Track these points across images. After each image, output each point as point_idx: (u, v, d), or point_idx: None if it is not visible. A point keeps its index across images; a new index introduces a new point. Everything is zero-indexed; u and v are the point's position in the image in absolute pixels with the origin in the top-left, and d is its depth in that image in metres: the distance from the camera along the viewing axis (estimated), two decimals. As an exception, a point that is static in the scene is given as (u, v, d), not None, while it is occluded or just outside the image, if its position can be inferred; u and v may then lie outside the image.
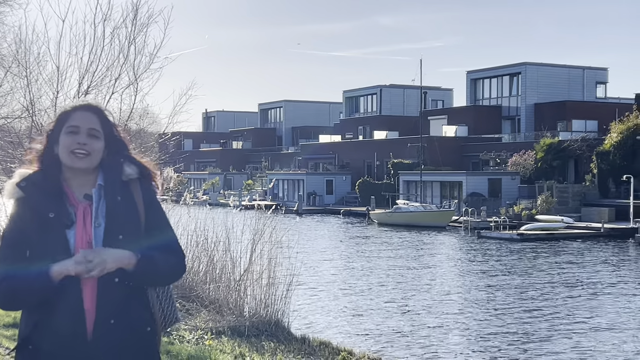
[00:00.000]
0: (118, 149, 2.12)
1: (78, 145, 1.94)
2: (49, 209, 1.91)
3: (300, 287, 12.77)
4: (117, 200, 2.01)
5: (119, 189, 2.03)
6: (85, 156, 1.95)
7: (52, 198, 1.94)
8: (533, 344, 13.88)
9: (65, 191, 1.98)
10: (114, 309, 1.94)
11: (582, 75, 60.23)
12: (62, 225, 1.91)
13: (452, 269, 26.14)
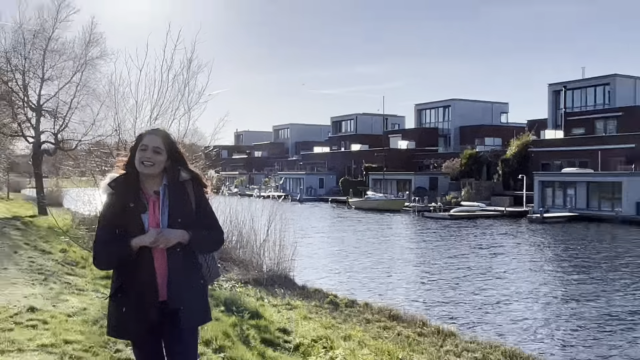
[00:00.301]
0: (177, 160, 2.79)
1: (145, 158, 2.60)
2: (129, 200, 2.61)
3: (301, 251, 15.65)
4: (176, 195, 2.73)
5: (177, 188, 2.75)
6: (151, 166, 2.61)
7: (131, 193, 2.65)
8: (445, 282, 18.19)
9: (140, 188, 2.69)
10: (178, 269, 2.64)
11: (491, 107, 77.75)
12: (139, 212, 2.63)
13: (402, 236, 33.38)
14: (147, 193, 2.75)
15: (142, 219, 2.65)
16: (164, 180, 2.78)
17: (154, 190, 2.75)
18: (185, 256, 2.72)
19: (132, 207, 2.66)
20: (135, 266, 2.61)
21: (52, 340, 5.16)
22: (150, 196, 2.73)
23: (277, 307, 9.48)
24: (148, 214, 2.68)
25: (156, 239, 2.53)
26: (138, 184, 2.73)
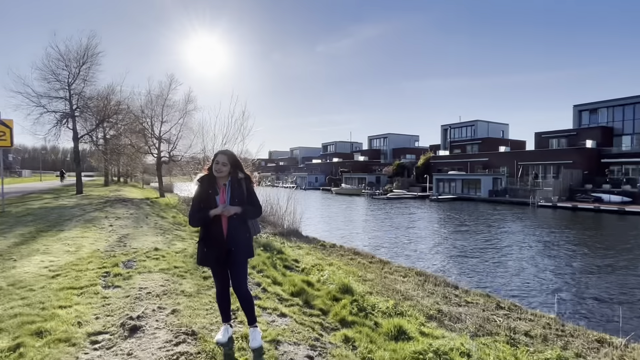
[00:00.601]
0: (237, 166, 2.89)
1: (217, 168, 2.78)
2: (209, 188, 2.77)
3: (305, 216, 14.98)
4: (235, 187, 2.83)
5: (236, 182, 2.84)
6: (221, 172, 2.79)
7: (211, 185, 2.79)
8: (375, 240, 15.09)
9: (215, 182, 2.81)
10: (234, 227, 2.78)
11: (410, 138, 76.33)
12: (214, 195, 2.77)
13: (360, 208, 31.54)
14: (219, 185, 2.86)
15: (216, 199, 2.78)
16: (229, 178, 2.86)
17: (223, 183, 2.87)
18: (239, 220, 2.81)
19: (211, 192, 2.76)
20: (212, 225, 2.75)
21: (167, 266, 5.13)
22: (220, 187, 2.82)
23: (292, 248, 9.47)
24: (219, 197, 2.76)
25: (223, 210, 2.72)
26: (214, 180, 2.85)
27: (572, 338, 5.59)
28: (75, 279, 4.32)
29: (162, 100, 22.71)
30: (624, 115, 38.52)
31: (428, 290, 7.52)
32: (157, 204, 16.66)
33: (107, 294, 3.88)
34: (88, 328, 3.02)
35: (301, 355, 2.85)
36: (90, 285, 4.10)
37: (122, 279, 4.44)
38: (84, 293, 3.87)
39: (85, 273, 4.58)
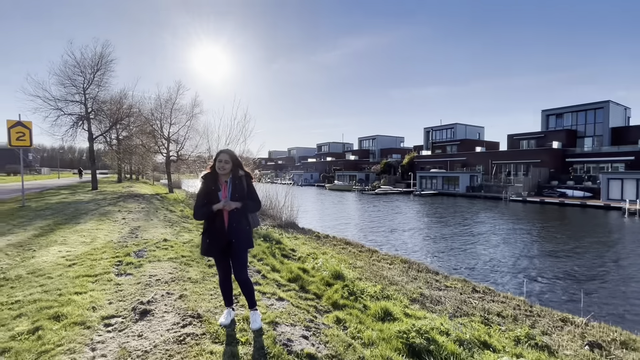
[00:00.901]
0: (237, 165, 2.82)
1: (220, 166, 2.73)
2: (212, 185, 2.73)
3: (301, 210, 15.03)
4: (236, 184, 2.78)
5: (237, 179, 2.80)
6: (223, 169, 2.74)
7: (213, 181, 2.74)
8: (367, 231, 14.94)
9: (218, 179, 2.76)
10: (235, 220, 2.73)
11: (396, 139, 75.22)
12: (216, 191, 2.72)
13: (351, 203, 29.50)
14: (221, 182, 2.83)
15: (218, 195, 2.75)
16: (230, 175, 2.81)
17: (225, 180, 2.83)
18: (239, 214, 2.77)
19: (213, 189, 2.72)
20: (215, 219, 2.72)
21: (175, 255, 5.08)
22: (222, 183, 2.79)
23: (289, 238, 9.45)
24: (221, 193, 2.73)
25: (224, 205, 2.69)
26: (217, 177, 2.82)
27: (539, 317, 5.67)
28: (90, 268, 4.26)
29: (171, 104, 22.45)
30: (586, 119, 39.01)
31: (412, 276, 7.57)
32: (166, 199, 16.49)
33: (120, 281, 3.83)
34: (102, 312, 2.98)
35: (297, 335, 2.84)
36: (104, 273, 4.05)
37: (133, 267, 4.39)
38: (98, 280, 3.81)
39: (100, 262, 4.52)
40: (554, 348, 4.27)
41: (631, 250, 12.40)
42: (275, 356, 2.43)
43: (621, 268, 9.98)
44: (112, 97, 21.25)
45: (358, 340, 3.05)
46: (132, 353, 2.34)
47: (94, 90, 18.83)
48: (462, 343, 3.41)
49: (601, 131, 37.60)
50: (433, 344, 3.08)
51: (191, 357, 2.31)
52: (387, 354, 2.74)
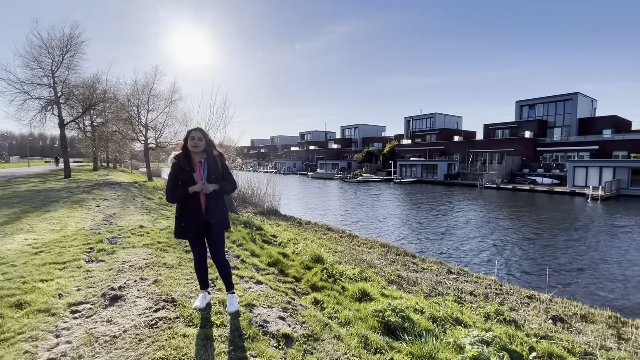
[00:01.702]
0: (210, 144, 2.70)
1: (194, 144, 2.59)
2: (186, 165, 2.57)
3: (283, 197, 14.81)
4: (211, 163, 2.64)
5: (212, 159, 2.66)
6: (197, 147, 2.60)
7: (186, 162, 2.58)
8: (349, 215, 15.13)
9: (191, 159, 2.61)
10: (212, 203, 2.62)
11: (377, 128, 75.32)
12: (191, 172, 2.57)
13: (331, 190, 29.83)
14: (195, 162, 2.66)
15: (193, 177, 2.60)
16: (204, 155, 2.68)
17: (199, 160, 2.68)
18: (216, 195, 2.65)
19: (188, 170, 2.58)
20: (190, 201, 2.58)
21: (151, 241, 4.91)
22: (197, 163, 2.65)
23: (271, 225, 9.36)
24: (196, 173, 2.61)
25: (202, 187, 2.55)
26: (190, 157, 2.65)
27: (508, 295, 5.91)
28: (59, 255, 4.04)
29: (148, 90, 21.51)
30: (556, 110, 40.49)
31: (390, 259, 7.70)
32: (145, 187, 15.95)
33: (90, 268, 3.65)
34: (69, 299, 2.83)
35: (274, 317, 2.81)
36: (73, 260, 3.85)
37: (105, 253, 4.20)
38: (67, 267, 3.62)
39: (69, 249, 4.30)
40: (520, 322, 4.46)
41: (592, 232, 13.14)
42: (250, 337, 2.39)
43: (582, 248, 10.57)
44: (84, 81, 20.11)
45: (335, 320, 3.06)
46: (99, 338, 2.23)
47: (63, 74, 17.74)
48: (435, 320, 3.49)
49: (569, 122, 39.19)
50: (408, 322, 3.13)
51: (162, 341, 2.23)
52: (363, 332, 2.76)
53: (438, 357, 2.52)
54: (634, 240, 11.80)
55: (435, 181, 39.42)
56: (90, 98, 19.64)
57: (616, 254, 9.93)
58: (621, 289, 7.17)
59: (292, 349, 2.32)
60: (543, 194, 27.63)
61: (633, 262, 9.20)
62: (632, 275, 8.03)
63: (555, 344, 3.68)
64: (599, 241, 11.63)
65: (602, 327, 4.68)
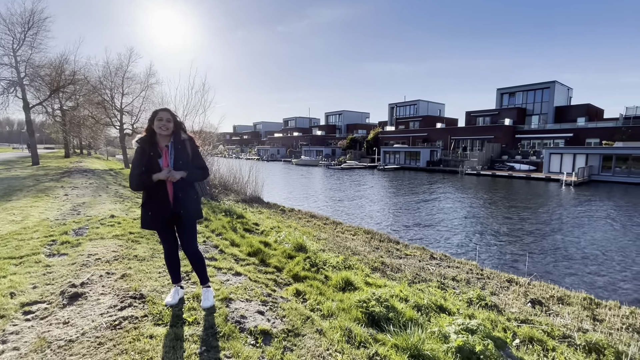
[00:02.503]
0: (179, 127, 2.44)
1: (162, 125, 2.34)
2: (150, 150, 2.32)
3: (266, 184, 14.19)
4: (179, 148, 2.40)
5: (180, 143, 2.41)
6: (167, 130, 2.36)
7: (151, 146, 2.33)
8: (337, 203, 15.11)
9: (157, 143, 2.36)
10: (181, 191, 2.39)
11: (361, 115, 74.99)
12: (156, 157, 2.33)
13: (317, 178, 29.54)
14: (161, 146, 2.39)
15: (159, 162, 2.33)
16: (171, 138, 2.42)
17: (165, 145, 2.41)
18: (185, 182, 2.41)
19: (152, 155, 2.30)
20: (156, 189, 2.33)
21: (122, 232, 4.60)
22: (163, 148, 2.39)
23: (253, 212, 9.13)
24: (162, 159, 2.35)
25: (168, 175, 2.29)
26: (155, 141, 2.37)
27: (489, 280, 6.00)
28: (16, 249, 3.69)
29: (122, 72, 20.37)
30: (534, 98, 41.46)
31: (374, 246, 7.66)
32: (121, 174, 15.24)
33: (51, 262, 3.34)
34: (22, 298, 2.54)
35: (252, 311, 2.63)
36: (32, 254, 3.52)
37: (70, 246, 3.87)
38: (24, 262, 3.30)
39: (28, 242, 3.94)
40: (501, 307, 4.50)
41: (566, 216, 13.64)
42: (225, 335, 2.21)
43: (558, 232, 10.94)
44: (50, 61, 18.72)
45: (317, 312, 2.92)
46: (52, 344, 1.99)
47: (26, 52, 16.44)
48: (420, 308, 3.43)
49: (547, 109, 40.28)
50: (392, 312, 3.03)
51: (126, 344, 2.01)
52: (347, 324, 2.63)
53: (423, 349, 2.43)
54: (602, 224, 12.34)
55: (417, 168, 39.94)
56: (58, 80, 18.37)
57: (585, 237, 10.33)
58: (593, 270, 7.45)
59: (270, 347, 2.16)
60: (520, 180, 28.50)
61: (605, 246, 9.60)
62: (601, 256, 8.37)
63: (535, 328, 3.71)
64: (571, 225, 12.08)
65: (578, 309, 4.80)
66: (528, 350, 3.17)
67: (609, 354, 3.23)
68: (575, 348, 3.38)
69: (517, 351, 2.99)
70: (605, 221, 12.81)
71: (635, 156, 25.40)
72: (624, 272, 7.34)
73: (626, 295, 6.12)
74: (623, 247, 9.35)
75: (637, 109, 34.73)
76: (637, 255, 8.61)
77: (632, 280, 6.88)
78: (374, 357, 2.25)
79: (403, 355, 2.33)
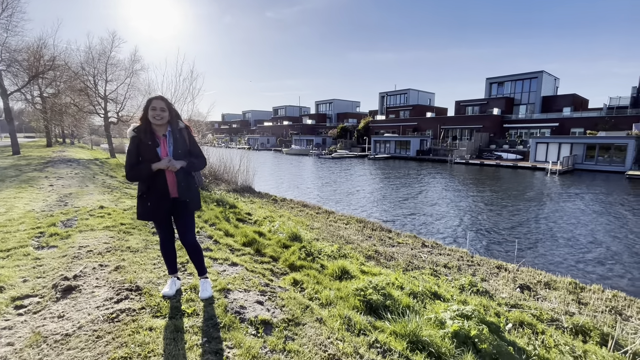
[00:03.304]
0: (175, 115, 2.37)
1: (156, 115, 2.26)
2: (147, 139, 2.26)
3: (257, 174, 14.31)
4: (177, 137, 2.34)
5: (177, 132, 2.36)
6: (161, 119, 2.28)
7: (148, 135, 2.26)
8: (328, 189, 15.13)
9: (154, 132, 2.30)
10: (181, 180, 2.33)
11: (352, 103, 74.31)
12: (154, 146, 2.27)
13: (306, 167, 29.12)
14: (158, 135, 2.32)
15: (157, 151, 2.27)
16: (168, 127, 2.36)
17: (163, 134, 2.34)
18: (184, 172, 2.36)
19: (150, 144, 2.24)
20: (155, 179, 2.27)
21: (113, 223, 4.49)
22: (160, 137, 2.32)
23: (245, 202, 9.06)
24: (160, 149, 2.28)
25: (168, 165, 2.24)
26: (152, 130, 2.30)
27: (479, 266, 6.15)
28: (2, 241, 3.56)
29: (105, 58, 19.57)
30: (522, 87, 41.96)
31: (367, 235, 7.74)
32: (107, 164, 14.85)
33: (40, 255, 3.25)
34: (12, 292, 2.47)
35: (251, 301, 2.63)
36: (20, 247, 3.41)
37: (59, 238, 3.77)
38: (11, 255, 3.19)
39: (15, 234, 3.81)
40: (492, 293, 4.63)
41: (551, 204, 14.03)
42: (226, 326, 2.20)
43: (544, 219, 11.26)
44: (28, 45, 17.86)
45: (316, 301, 2.94)
46: (48, 338, 1.94)
47: (1, 36, 15.62)
48: (415, 295, 3.49)
49: (534, 99, 40.87)
50: (389, 299, 3.08)
51: (125, 337, 1.98)
52: (345, 312, 2.66)
53: (421, 335, 2.48)
54: (584, 212, 12.75)
55: (408, 157, 40.23)
56: (37, 65, 17.56)
57: (569, 224, 10.67)
58: (577, 255, 7.72)
59: (272, 336, 2.17)
60: (508, 169, 29.07)
61: (589, 232, 9.94)
62: (584, 243, 8.67)
63: (525, 312, 3.84)
64: (555, 212, 12.44)
65: (564, 293, 4.98)
66: (519, 334, 3.28)
67: (595, 336, 3.37)
68: (563, 330, 3.51)
69: (509, 335, 3.09)
70: (586, 209, 13.24)
71: (617, 145, 26.16)
72: (593, 253, 7.64)
73: (604, 279, 6.38)
74: (593, 231, 9.71)
75: (620, 99, 35.61)
76: (612, 239, 8.96)
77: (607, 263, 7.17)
78: (374, 344, 2.28)
79: (402, 341, 2.38)
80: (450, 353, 2.38)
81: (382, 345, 2.28)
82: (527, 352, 2.73)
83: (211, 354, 1.90)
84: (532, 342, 3.07)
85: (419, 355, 2.25)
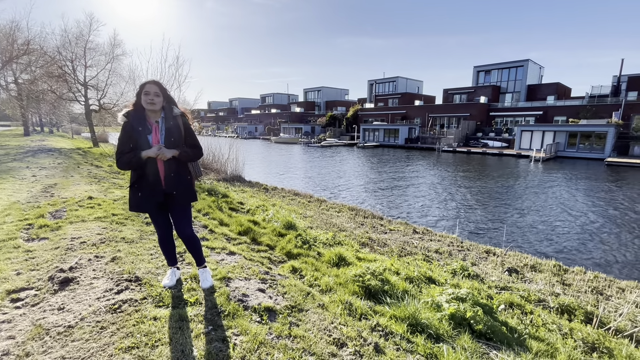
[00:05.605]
0: (170, 101, 2.30)
1: (149, 100, 2.17)
2: (139, 125, 2.16)
3: (246, 162, 14.26)
4: (170, 124, 2.24)
5: (171, 119, 2.26)
6: (154, 105, 2.19)
7: (140, 121, 2.17)
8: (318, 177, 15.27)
9: (146, 118, 2.20)
10: (173, 171, 2.24)
11: (341, 91, 73.37)
12: (145, 133, 2.17)
13: (295, 155, 29.56)
14: (150, 122, 2.22)
15: (148, 139, 2.17)
16: (162, 114, 2.26)
17: (155, 120, 2.25)
18: (176, 162, 2.26)
19: (141, 130, 2.15)
20: (147, 168, 2.17)
21: (104, 214, 4.40)
22: (153, 124, 2.23)
23: (236, 191, 8.99)
24: (152, 135, 2.19)
25: (158, 153, 2.13)
26: (144, 115, 2.21)
27: (469, 251, 6.34)
28: (-11, 234, 3.45)
29: (83, 42, 18.68)
30: (509, 76, 42.50)
31: (359, 222, 7.83)
32: (90, 153, 14.40)
33: (31, 247, 3.16)
34: (7, 285, 2.41)
35: (253, 289, 2.65)
36: (9, 240, 3.31)
37: (49, 230, 3.67)
38: (1, 248, 3.10)
39: (2, 227, 3.69)
40: (482, 276, 4.80)
41: (535, 190, 14.49)
42: (230, 314, 2.21)
43: (527, 205, 11.64)
44: (0, 27, 16.85)
45: (316, 287, 2.98)
46: (50, 330, 1.92)
47: (-30, 17, 14.64)
48: (411, 280, 3.58)
49: (520, 87, 41.52)
50: (387, 284, 3.15)
51: (130, 327, 1.97)
52: (346, 298, 2.71)
53: (420, 317, 2.56)
54: (565, 197, 13.23)
55: (396, 145, 40.52)
56: (10, 49, 16.66)
57: (552, 209, 11.08)
58: (560, 238, 8.05)
59: (276, 323, 2.20)
60: (493, 157, 29.71)
61: (570, 217, 10.34)
62: (566, 226, 9.04)
63: (514, 294, 4.01)
64: (537, 197, 12.87)
65: (549, 276, 5.21)
66: (509, 314, 3.43)
67: (579, 315, 3.56)
68: (550, 310, 3.69)
69: (501, 315, 3.23)
70: (567, 195, 13.74)
71: (597, 133, 27.02)
72: (573, 236, 7.99)
73: (590, 260, 6.69)
74: (573, 215, 10.13)
75: (601, 88, 36.55)
76: (590, 223, 9.37)
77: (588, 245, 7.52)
78: (376, 328, 2.35)
79: (402, 324, 2.45)
80: (448, 334, 2.48)
81: (383, 329, 2.35)
82: (518, 331, 2.87)
83: (218, 342, 1.92)
84: (522, 321, 3.22)
85: (419, 337, 2.33)
